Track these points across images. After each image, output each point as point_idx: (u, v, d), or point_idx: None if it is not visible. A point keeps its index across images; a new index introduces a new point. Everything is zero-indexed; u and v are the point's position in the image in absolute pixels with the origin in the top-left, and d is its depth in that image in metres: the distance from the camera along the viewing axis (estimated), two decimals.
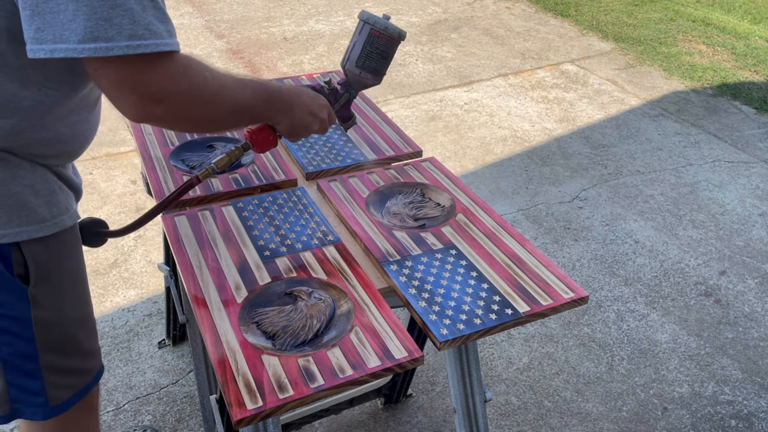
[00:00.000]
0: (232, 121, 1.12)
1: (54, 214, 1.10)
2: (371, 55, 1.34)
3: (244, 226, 1.42)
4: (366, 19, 1.33)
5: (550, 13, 5.52)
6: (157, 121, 0.98)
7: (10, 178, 1.03)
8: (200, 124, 1.07)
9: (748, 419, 2.11)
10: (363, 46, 1.34)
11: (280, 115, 1.21)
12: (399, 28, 1.34)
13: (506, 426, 2.05)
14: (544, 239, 2.88)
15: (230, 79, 1.07)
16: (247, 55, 4.48)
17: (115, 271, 2.56)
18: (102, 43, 0.86)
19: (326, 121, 1.31)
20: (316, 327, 1.16)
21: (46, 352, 1.15)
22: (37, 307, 1.11)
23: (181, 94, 0.96)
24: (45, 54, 0.86)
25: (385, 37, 1.33)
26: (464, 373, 1.38)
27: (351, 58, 1.35)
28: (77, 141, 1.14)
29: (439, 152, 3.47)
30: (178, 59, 0.95)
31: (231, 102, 1.06)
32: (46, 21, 0.85)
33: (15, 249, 1.06)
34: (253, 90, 1.12)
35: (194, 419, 2.02)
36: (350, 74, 1.37)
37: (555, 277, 1.31)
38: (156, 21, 0.90)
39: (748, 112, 4.09)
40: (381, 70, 1.37)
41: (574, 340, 2.37)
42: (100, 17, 0.85)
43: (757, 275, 2.73)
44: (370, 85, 1.38)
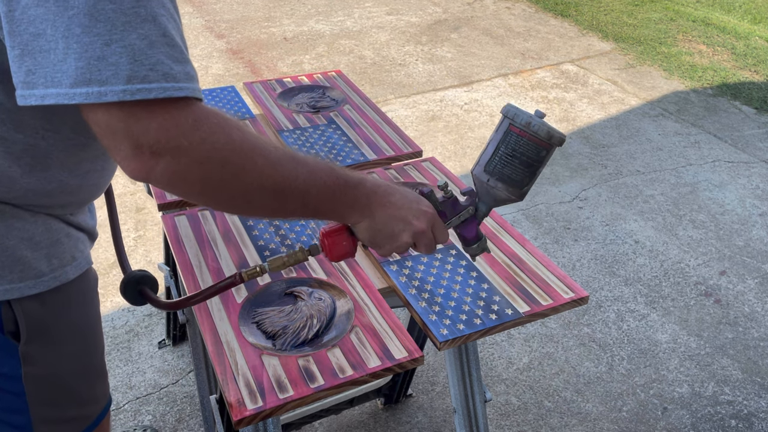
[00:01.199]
0: (267, 202, 0.86)
1: (54, 267, 0.98)
2: (505, 158, 1.02)
3: (244, 226, 1.42)
4: (505, 112, 1.03)
5: (550, 13, 5.53)
6: (159, 181, 0.78)
7: (4, 231, 0.92)
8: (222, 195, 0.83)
9: (748, 419, 2.11)
10: (497, 145, 1.03)
11: (353, 212, 0.95)
12: (552, 128, 1.00)
13: (506, 426, 2.05)
14: (544, 239, 2.88)
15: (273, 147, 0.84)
16: (247, 55, 4.48)
17: (115, 271, 2.56)
18: (95, 87, 0.72)
19: (427, 234, 1.00)
20: (316, 327, 1.16)
21: (37, 405, 1.05)
22: (29, 363, 1.00)
23: (187, 150, 0.76)
24: (36, 101, 0.74)
25: (526, 136, 1.00)
26: (464, 373, 1.38)
27: (481, 161, 1.05)
28: (86, 191, 1.00)
29: (439, 152, 3.47)
30: (191, 108, 0.76)
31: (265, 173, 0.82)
32: (37, 62, 0.73)
33: (5, 306, 0.95)
34: (311, 169, 0.87)
35: (194, 419, 2.02)
36: (477, 181, 1.06)
37: (555, 277, 1.31)
38: (168, 60, 0.74)
39: (748, 112, 4.09)
40: (519, 179, 1.03)
41: (574, 340, 2.37)
42: (92, 56, 0.71)
43: (757, 275, 2.73)
44: (503, 198, 1.05)
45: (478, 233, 1.09)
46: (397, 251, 1.01)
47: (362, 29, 4.99)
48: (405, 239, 0.99)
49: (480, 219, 1.08)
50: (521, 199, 1.06)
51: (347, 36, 4.86)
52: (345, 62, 4.45)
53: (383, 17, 5.24)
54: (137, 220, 2.86)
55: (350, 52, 4.60)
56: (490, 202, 1.07)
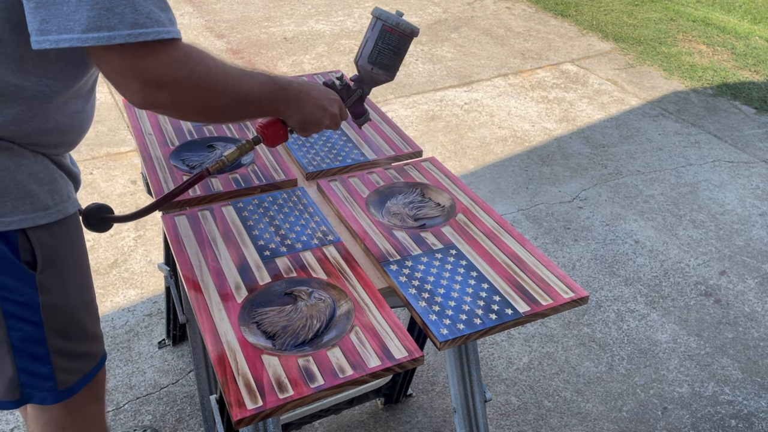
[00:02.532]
0: (236, 111, 1.12)
1: (56, 202, 1.13)
2: (383, 51, 1.35)
3: (244, 226, 1.42)
4: (378, 15, 1.35)
5: (550, 13, 5.53)
6: (162, 107, 1.00)
7: (14, 166, 1.06)
8: (203, 112, 1.07)
9: (748, 419, 2.11)
10: (375, 42, 1.35)
11: (290, 109, 1.22)
12: (411, 24, 1.34)
13: (506, 426, 2.05)
14: (544, 239, 2.88)
15: (235, 69, 1.08)
16: (247, 55, 4.48)
17: (115, 271, 2.56)
18: (105, 32, 0.89)
19: (337, 116, 1.31)
20: (316, 327, 1.16)
21: (54, 336, 1.18)
22: (44, 292, 1.14)
23: (182, 81, 0.97)
24: (50, 45, 0.89)
25: (397, 33, 1.34)
26: (464, 373, 1.38)
27: (363, 54, 1.37)
28: (75, 130, 1.16)
29: (439, 152, 3.47)
30: (179, 46, 0.97)
31: (234, 91, 1.07)
32: (51, 12, 0.88)
33: (22, 236, 1.09)
34: (259, 82, 1.13)
35: (194, 419, 2.02)
36: (363, 70, 1.38)
37: (555, 277, 1.31)
38: (157, 9, 0.93)
39: (748, 112, 4.09)
40: (393, 66, 1.38)
41: (574, 340, 2.37)
42: (102, 7, 0.88)
43: (757, 275, 2.73)
44: (383, 81, 1.39)
45: (364, 109, 1.44)
46: (316, 131, 1.31)
47: (362, 29, 4.99)
48: (325, 122, 1.29)
49: (364, 97, 1.42)
50: (393, 79, 1.41)
51: (347, 36, 4.86)
52: (345, 62, 4.45)
53: None
54: (137, 220, 2.86)
55: (350, 52, 4.60)
56: (371, 85, 1.40)
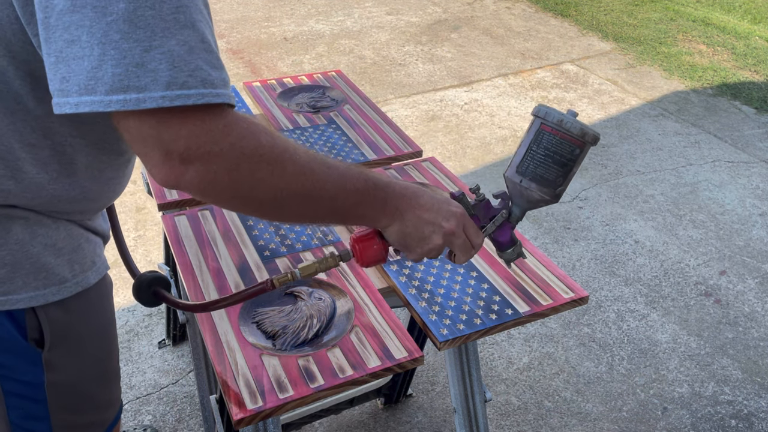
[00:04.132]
0: (301, 207, 0.86)
1: (76, 273, 0.98)
2: (537, 157, 1.00)
3: (244, 226, 1.42)
4: (537, 112, 1.01)
5: (550, 13, 5.53)
6: (190, 188, 0.78)
7: (29, 238, 0.92)
8: (248, 202, 0.82)
9: (748, 419, 2.11)
10: (529, 146, 1.01)
11: (383, 216, 0.94)
12: (585, 125, 0.99)
13: (506, 426, 2.05)
14: (544, 239, 2.88)
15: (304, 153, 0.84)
16: (247, 55, 4.48)
17: (115, 271, 2.56)
18: (133, 94, 0.71)
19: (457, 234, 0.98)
20: (316, 327, 1.16)
21: (58, 412, 1.06)
22: (51, 370, 1.01)
23: (217, 156, 0.75)
24: (70, 109, 0.73)
25: (559, 135, 0.99)
26: (464, 373, 1.38)
27: (513, 162, 1.03)
28: (106, 197, 1.01)
29: (439, 152, 3.47)
30: (224, 114, 0.76)
31: (298, 179, 0.82)
32: (71, 69, 0.72)
33: (30, 313, 0.95)
34: (341, 173, 0.87)
35: (194, 419, 2.02)
36: (510, 183, 1.04)
37: (555, 277, 1.31)
38: (206, 66, 0.74)
39: (748, 112, 4.09)
40: (553, 179, 1.00)
41: (574, 340, 2.37)
42: (131, 62, 0.70)
43: (757, 275, 2.73)
44: (537, 200, 1.02)
45: (512, 237, 1.07)
46: (429, 255, 0.99)
47: (362, 29, 4.99)
48: (436, 241, 0.97)
49: (514, 223, 1.06)
50: (556, 201, 1.03)
51: (347, 36, 4.85)
52: (345, 62, 4.45)
53: (383, 17, 5.24)
54: (137, 220, 2.86)
55: (350, 52, 4.60)
56: (523, 205, 1.04)
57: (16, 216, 0.91)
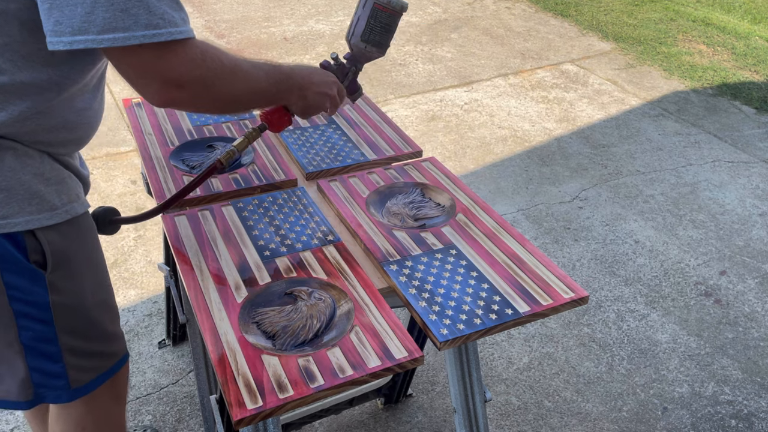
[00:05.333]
0: (248, 102, 1.17)
1: (64, 202, 1.12)
2: (375, 29, 1.38)
3: (244, 226, 1.42)
4: None
5: (550, 13, 5.53)
6: (180, 104, 1.04)
7: (19, 166, 1.06)
8: (218, 105, 1.11)
9: (748, 419, 2.11)
10: (367, 20, 1.37)
11: (294, 96, 1.25)
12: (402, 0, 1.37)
13: (506, 426, 2.05)
14: (544, 239, 2.88)
15: (245, 62, 1.12)
16: (247, 55, 4.48)
17: (115, 271, 2.56)
18: (120, 33, 0.91)
19: (336, 98, 1.35)
20: (316, 327, 1.16)
21: (65, 335, 1.17)
22: (55, 291, 1.13)
23: (199, 78, 1.01)
24: (64, 46, 0.91)
25: (388, 11, 1.36)
26: (464, 373, 1.38)
27: (356, 32, 1.39)
28: (82, 127, 1.16)
29: (439, 152, 3.47)
30: (194, 45, 1.00)
31: (247, 84, 1.11)
32: (64, 14, 0.89)
33: (29, 236, 1.08)
34: (266, 72, 1.16)
35: (194, 419, 2.02)
36: (356, 48, 1.41)
37: (555, 277, 1.31)
38: (170, 10, 0.95)
39: (748, 112, 4.09)
40: (385, 42, 1.40)
41: (574, 340, 2.37)
42: (117, 8, 0.90)
43: (757, 275, 2.73)
44: (375, 57, 1.42)
45: (358, 85, 1.46)
46: (317, 114, 1.35)
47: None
48: (326, 105, 1.32)
49: (357, 74, 1.44)
50: (383, 55, 1.43)
51: None
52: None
53: None
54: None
55: None
56: (364, 62, 1.43)
57: (7, 146, 1.04)
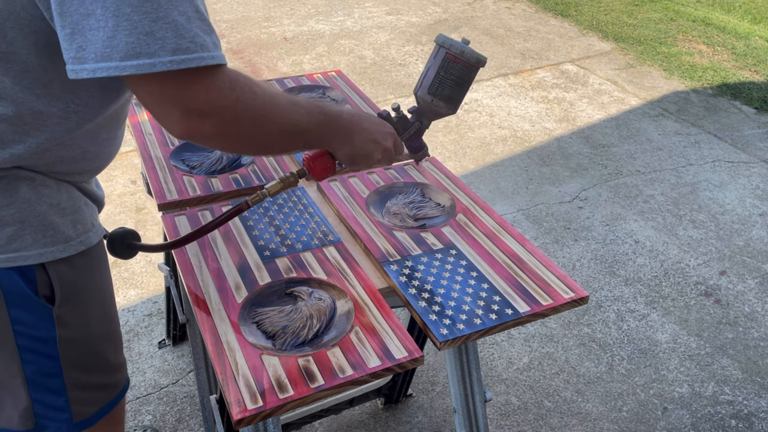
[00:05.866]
0: (283, 143, 1.06)
1: (79, 232, 1.07)
2: (445, 82, 1.25)
3: (244, 226, 1.42)
4: (442, 42, 1.24)
5: (550, 13, 5.53)
6: (205, 138, 0.93)
7: (35, 197, 1.01)
8: (249, 143, 1.01)
9: (748, 419, 2.11)
10: (437, 71, 1.25)
11: (339, 142, 1.14)
12: (478, 53, 1.23)
13: (506, 426, 2.05)
14: (544, 239, 2.88)
15: (283, 97, 1.02)
16: (247, 55, 4.48)
17: (115, 271, 2.56)
18: (145, 59, 0.82)
19: (391, 150, 1.23)
20: (316, 327, 1.16)
21: (70, 369, 1.13)
22: (62, 326, 1.08)
23: (227, 109, 0.91)
24: (87, 74, 0.83)
25: (461, 62, 1.23)
26: (464, 373, 1.38)
27: (423, 84, 1.27)
28: (103, 157, 1.11)
29: (439, 152, 3.47)
30: (224, 72, 0.91)
31: (282, 121, 1.01)
32: (87, 39, 0.82)
33: (40, 269, 1.03)
34: (308, 111, 1.06)
35: (194, 419, 2.02)
36: (422, 102, 1.28)
37: (555, 277, 1.31)
38: (201, 33, 0.86)
39: (748, 112, 4.09)
40: (456, 98, 1.27)
41: (574, 340, 2.37)
42: (141, 32, 0.81)
43: (757, 275, 2.73)
44: (444, 114, 1.29)
45: (422, 143, 1.35)
46: (368, 167, 1.25)
47: (362, 29, 4.99)
48: (377, 156, 1.20)
49: (423, 131, 1.32)
50: (455, 112, 1.31)
51: (347, 36, 4.86)
52: (345, 62, 4.45)
53: (383, 17, 5.25)
54: (137, 220, 2.86)
55: (350, 52, 4.61)
56: (431, 117, 1.30)
57: (23, 177, 0.99)
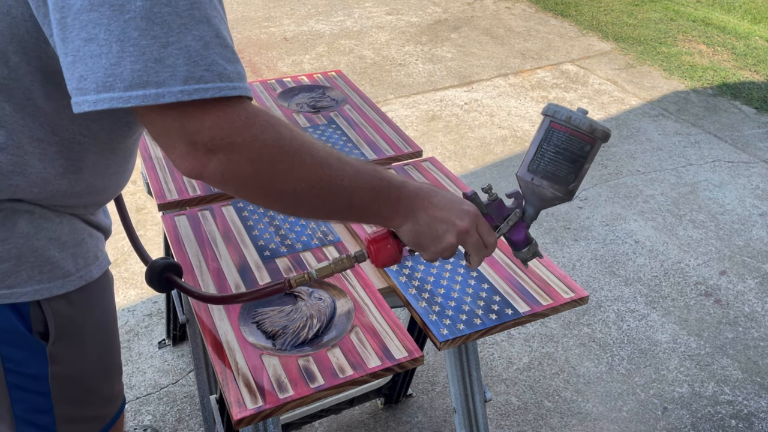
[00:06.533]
0: (317, 202, 0.87)
1: (80, 267, 1.00)
2: (547, 155, 1.00)
3: (244, 226, 1.42)
4: (546, 111, 1.01)
5: (550, 13, 5.53)
6: (212, 178, 0.80)
7: (33, 231, 0.93)
8: (268, 193, 0.84)
9: (748, 419, 2.11)
10: (539, 144, 1.00)
11: (397, 215, 0.94)
12: (594, 121, 0.98)
13: (506, 426, 2.05)
14: (544, 239, 2.88)
15: (322, 148, 0.85)
16: (247, 55, 4.48)
17: (115, 271, 2.56)
18: (152, 89, 0.72)
19: (470, 233, 0.98)
20: (316, 327, 1.16)
21: (61, 405, 1.07)
22: (56, 363, 1.02)
23: (241, 147, 0.77)
24: (89, 107, 0.73)
25: (568, 131, 0.98)
26: (464, 373, 1.38)
27: (524, 161, 1.03)
28: (110, 191, 1.03)
29: (439, 152, 3.47)
30: (244, 106, 0.78)
31: (316, 173, 0.83)
32: (89, 67, 0.72)
33: (34, 306, 0.96)
34: (357, 170, 0.88)
35: (194, 419, 2.02)
36: (522, 182, 1.03)
37: (555, 277, 1.31)
38: (221, 60, 0.76)
39: (748, 112, 4.09)
40: (564, 176, 0.99)
41: (574, 340, 2.37)
42: (149, 58, 0.71)
43: (757, 275, 2.73)
44: (550, 197, 1.01)
45: (527, 236, 1.06)
46: (443, 254, 0.99)
47: (362, 29, 4.99)
48: (450, 240, 0.97)
49: (528, 222, 1.05)
50: (570, 198, 1.01)
51: (347, 36, 4.86)
52: (345, 62, 4.45)
53: (383, 17, 5.24)
54: (137, 220, 2.86)
55: (350, 52, 4.61)
56: (536, 203, 1.03)
57: (22, 210, 0.91)
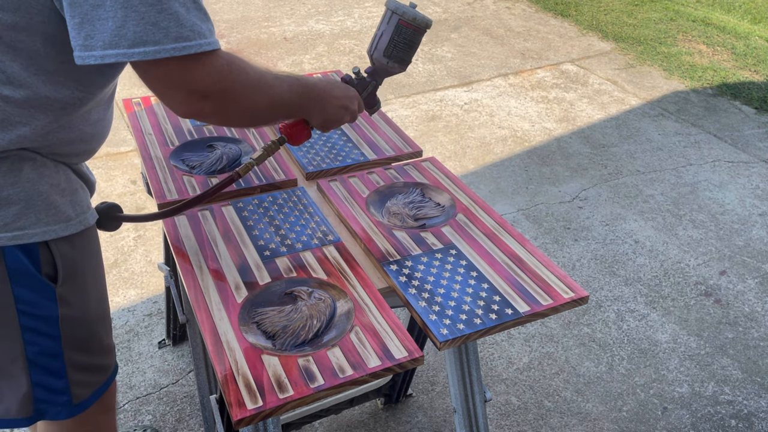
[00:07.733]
0: (271, 115, 1.16)
1: (78, 212, 1.13)
2: (398, 45, 1.36)
3: (244, 226, 1.42)
4: (394, 9, 1.34)
5: (550, 13, 5.53)
6: (205, 116, 1.03)
7: (37, 177, 1.06)
8: (243, 118, 1.11)
9: (748, 419, 2.11)
10: (391, 36, 1.35)
11: (315, 110, 1.25)
12: (426, 16, 1.34)
13: (506, 426, 2.05)
14: (544, 239, 2.88)
15: (269, 74, 1.11)
16: (247, 55, 4.48)
17: (115, 271, 2.56)
18: (150, 47, 0.91)
19: (356, 111, 1.35)
20: (316, 327, 1.16)
21: (70, 349, 1.17)
22: (64, 305, 1.13)
23: (226, 90, 1.00)
24: (95, 60, 0.91)
25: (412, 27, 1.34)
26: (464, 373, 1.38)
27: (378, 47, 1.38)
28: (96, 138, 1.17)
29: (439, 152, 3.47)
30: (221, 56, 0.99)
31: (271, 96, 1.10)
32: (96, 28, 0.89)
33: (43, 248, 1.08)
34: (289, 85, 1.15)
35: (194, 419, 2.02)
36: (377, 63, 1.39)
37: (555, 277, 1.31)
38: (199, 21, 0.95)
39: (748, 112, 4.09)
40: (407, 59, 1.39)
41: (574, 340, 2.37)
42: (147, 22, 0.90)
43: (757, 275, 2.73)
44: (396, 72, 1.41)
45: (376, 99, 1.45)
46: (337, 127, 1.40)
47: (362, 29, 4.99)
48: (346, 119, 1.32)
49: (377, 88, 1.43)
50: (404, 71, 1.43)
51: (347, 36, 4.86)
52: (345, 62, 4.45)
53: None
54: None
55: (350, 52, 4.61)
56: (384, 76, 1.42)
57: (27, 157, 1.05)
